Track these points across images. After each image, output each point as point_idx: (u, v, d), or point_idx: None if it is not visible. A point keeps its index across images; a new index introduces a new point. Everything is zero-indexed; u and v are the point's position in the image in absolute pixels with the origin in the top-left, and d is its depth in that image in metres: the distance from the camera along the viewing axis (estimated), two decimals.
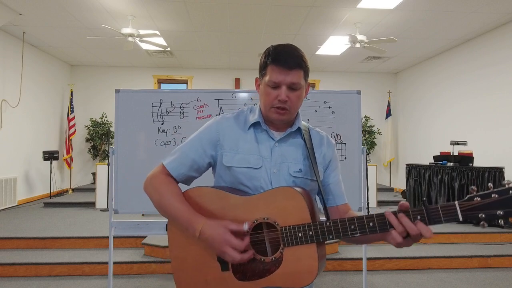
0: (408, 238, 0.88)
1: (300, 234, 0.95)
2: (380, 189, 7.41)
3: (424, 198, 0.88)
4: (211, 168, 1.20)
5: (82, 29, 5.72)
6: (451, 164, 5.12)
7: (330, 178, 1.17)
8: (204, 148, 1.12)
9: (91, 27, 5.60)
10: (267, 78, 1.06)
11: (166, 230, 1.11)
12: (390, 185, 8.22)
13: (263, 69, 1.10)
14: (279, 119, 1.08)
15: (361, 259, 3.27)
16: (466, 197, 0.84)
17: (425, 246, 4.04)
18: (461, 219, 0.83)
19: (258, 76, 1.15)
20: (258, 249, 1.00)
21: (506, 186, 0.82)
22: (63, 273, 3.42)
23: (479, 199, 0.83)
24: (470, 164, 4.97)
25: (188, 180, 1.15)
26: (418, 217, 0.87)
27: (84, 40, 6.21)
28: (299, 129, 1.15)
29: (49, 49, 6.85)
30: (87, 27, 5.61)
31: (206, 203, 1.05)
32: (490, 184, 0.85)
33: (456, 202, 0.84)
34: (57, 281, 3.30)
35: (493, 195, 0.82)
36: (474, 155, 5.19)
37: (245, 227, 0.97)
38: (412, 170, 5.62)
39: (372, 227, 0.91)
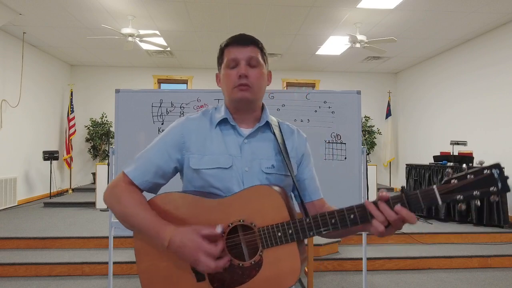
0: (390, 227, 0.87)
1: (279, 234, 0.91)
2: (380, 189, 7.40)
3: (403, 185, 0.89)
4: (178, 174, 1.12)
5: (82, 29, 5.72)
6: (451, 164, 5.11)
7: (305, 173, 1.13)
8: (169, 152, 1.05)
9: (91, 27, 5.60)
10: (225, 61, 1.05)
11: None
12: (390, 185, 8.22)
13: (219, 58, 1.09)
14: (243, 97, 1.03)
15: (361, 259, 3.27)
16: (443, 180, 0.85)
17: (425, 246, 4.04)
18: (440, 202, 0.84)
19: (217, 72, 1.13)
20: (235, 254, 0.94)
21: (480, 166, 0.83)
22: (63, 273, 3.42)
23: (456, 181, 0.84)
24: (470, 164, 4.97)
25: (154, 188, 1.07)
26: (398, 204, 0.86)
27: (84, 40, 6.21)
28: (267, 123, 1.09)
29: (49, 49, 6.85)
30: (87, 27, 5.61)
31: (175, 210, 0.97)
32: (464, 166, 0.86)
33: (434, 186, 0.84)
34: (57, 281, 3.30)
35: (468, 176, 0.83)
36: (474, 155, 5.19)
37: (219, 229, 0.89)
38: (412, 170, 5.61)
39: (353, 219, 0.88)
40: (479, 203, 0.84)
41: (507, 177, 0.82)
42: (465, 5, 4.69)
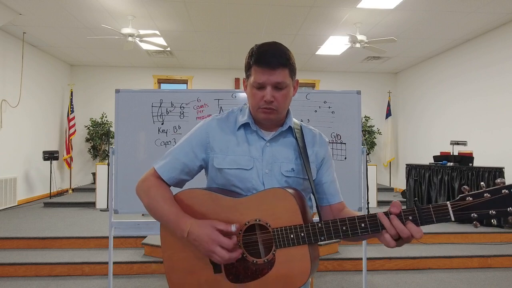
0: (400, 240, 0.89)
1: (292, 236, 0.95)
2: (380, 189, 7.41)
3: (416, 198, 0.88)
4: (203, 170, 1.19)
5: (82, 29, 5.72)
6: (451, 164, 5.11)
7: (324, 177, 1.16)
8: (195, 151, 1.12)
9: (91, 27, 5.60)
10: (251, 79, 1.05)
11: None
12: (390, 185, 8.22)
13: (247, 70, 1.09)
14: (266, 119, 1.07)
15: (361, 259, 3.27)
16: (458, 197, 0.84)
17: (425, 246, 4.04)
18: (453, 219, 0.82)
19: (245, 77, 1.14)
20: (251, 251, 1.00)
21: (499, 185, 0.81)
22: (63, 273, 3.42)
23: (471, 199, 0.82)
24: (470, 164, 4.97)
25: (180, 183, 1.15)
26: (410, 217, 0.86)
27: (84, 40, 6.21)
28: (290, 128, 1.13)
29: (49, 49, 6.85)
30: (87, 27, 5.61)
31: (197, 206, 1.05)
32: (482, 183, 0.84)
33: (448, 202, 0.83)
34: (57, 281, 3.30)
35: (485, 194, 0.81)
36: (474, 155, 5.19)
37: (233, 228, 0.96)
38: (412, 170, 5.61)
39: (363, 228, 0.91)
40: (495, 222, 0.81)
41: None
42: (465, 5, 4.69)
